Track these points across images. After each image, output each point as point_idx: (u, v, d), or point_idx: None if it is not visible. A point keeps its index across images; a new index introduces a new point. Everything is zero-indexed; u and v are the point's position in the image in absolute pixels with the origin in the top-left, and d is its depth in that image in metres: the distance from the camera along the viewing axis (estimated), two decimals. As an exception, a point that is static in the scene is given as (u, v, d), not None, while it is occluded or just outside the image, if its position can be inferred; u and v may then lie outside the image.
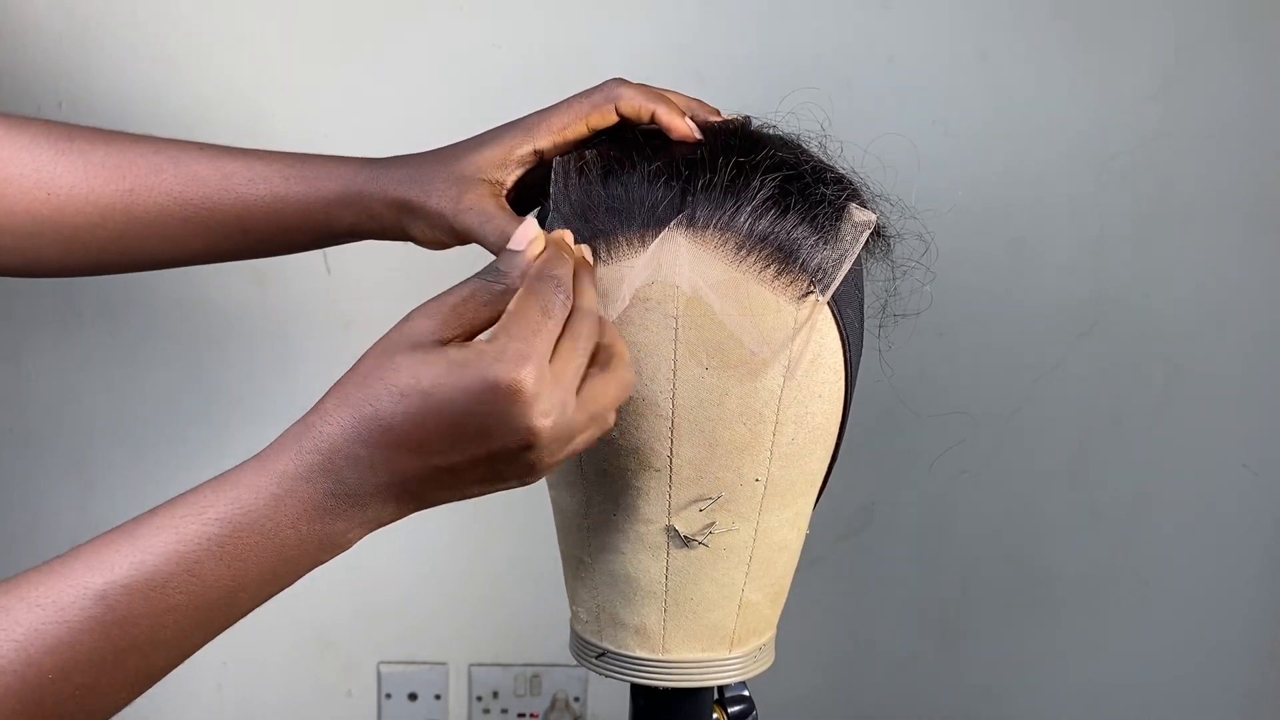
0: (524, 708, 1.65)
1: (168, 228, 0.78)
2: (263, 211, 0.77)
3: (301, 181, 0.77)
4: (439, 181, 0.73)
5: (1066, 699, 1.65)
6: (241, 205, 0.77)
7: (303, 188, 0.76)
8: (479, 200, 0.71)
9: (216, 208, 0.77)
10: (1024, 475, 1.56)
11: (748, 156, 0.66)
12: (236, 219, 0.77)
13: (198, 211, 0.77)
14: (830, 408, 0.69)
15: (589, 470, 0.69)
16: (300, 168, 0.77)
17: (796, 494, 0.70)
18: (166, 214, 0.77)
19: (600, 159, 0.68)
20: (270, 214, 0.77)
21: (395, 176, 0.75)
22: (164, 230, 0.78)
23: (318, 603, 1.61)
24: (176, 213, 0.77)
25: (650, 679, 0.72)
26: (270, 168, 0.77)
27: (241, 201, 0.77)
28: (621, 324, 0.66)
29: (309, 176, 0.76)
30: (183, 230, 0.78)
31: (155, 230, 0.78)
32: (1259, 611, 1.61)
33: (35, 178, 0.76)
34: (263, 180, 0.77)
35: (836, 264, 0.66)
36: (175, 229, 0.78)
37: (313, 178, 0.76)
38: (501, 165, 0.73)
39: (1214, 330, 1.51)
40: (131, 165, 0.77)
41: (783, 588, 0.73)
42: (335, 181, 0.76)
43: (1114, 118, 1.44)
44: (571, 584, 0.74)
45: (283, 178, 0.76)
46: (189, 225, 0.78)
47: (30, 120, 0.79)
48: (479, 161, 0.73)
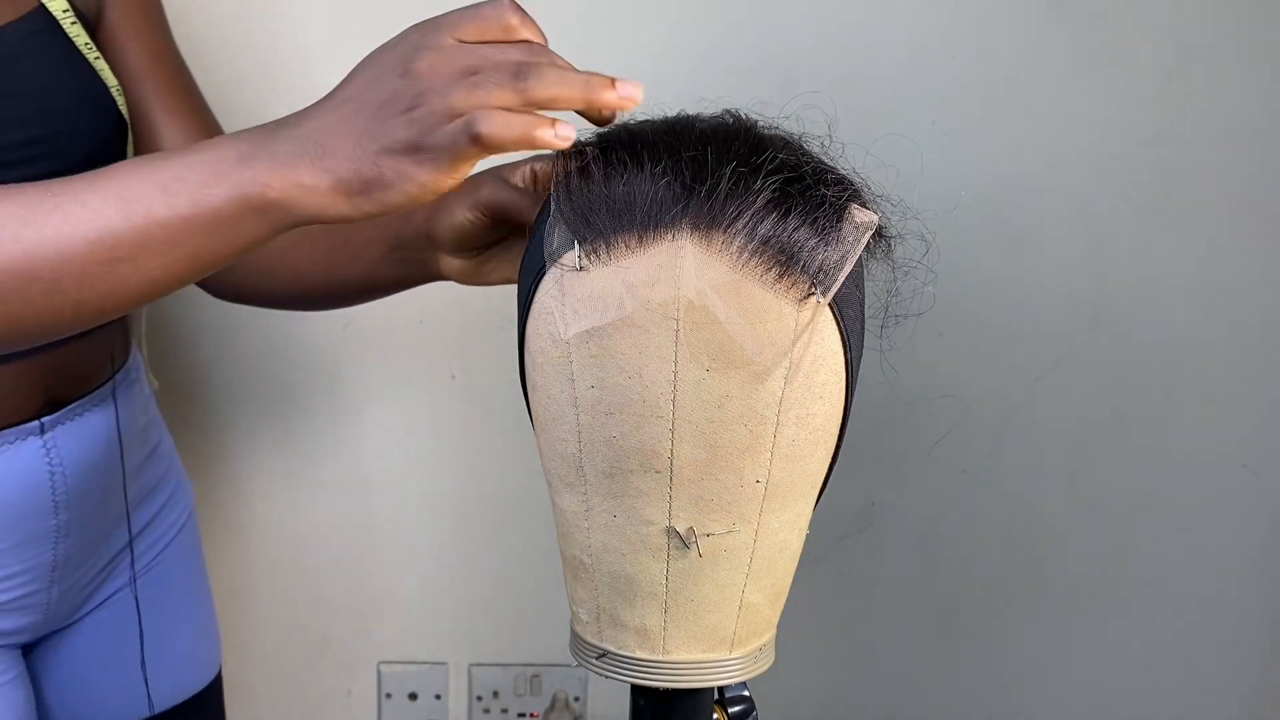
0: (524, 708, 1.65)
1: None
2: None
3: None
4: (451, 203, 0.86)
5: (1066, 699, 1.65)
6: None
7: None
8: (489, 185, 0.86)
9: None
10: (1024, 475, 1.57)
11: (749, 159, 0.66)
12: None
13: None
14: (831, 409, 0.69)
15: (589, 472, 0.69)
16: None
17: (797, 495, 0.70)
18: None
19: (603, 159, 0.68)
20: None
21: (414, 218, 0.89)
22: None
23: (318, 603, 1.61)
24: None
25: (650, 679, 0.72)
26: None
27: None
28: (622, 326, 0.66)
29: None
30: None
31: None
32: (1258, 611, 1.61)
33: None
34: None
35: (837, 266, 0.66)
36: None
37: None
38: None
39: (1214, 330, 1.51)
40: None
41: (783, 588, 0.73)
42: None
43: (1114, 118, 1.44)
44: (572, 585, 0.74)
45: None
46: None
47: None
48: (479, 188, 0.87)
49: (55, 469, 0.94)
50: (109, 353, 0.98)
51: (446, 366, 1.53)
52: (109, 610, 1.06)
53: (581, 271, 0.66)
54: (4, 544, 0.93)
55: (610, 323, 0.66)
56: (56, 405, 0.94)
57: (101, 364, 0.98)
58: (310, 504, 1.58)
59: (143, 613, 1.06)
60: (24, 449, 0.92)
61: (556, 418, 0.69)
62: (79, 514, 0.97)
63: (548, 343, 0.68)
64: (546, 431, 0.71)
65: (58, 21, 0.89)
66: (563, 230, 0.67)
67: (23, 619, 0.99)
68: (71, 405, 0.95)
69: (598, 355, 0.67)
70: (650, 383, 0.66)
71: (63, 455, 0.94)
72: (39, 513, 0.94)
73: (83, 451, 0.96)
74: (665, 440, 0.67)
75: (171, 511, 1.11)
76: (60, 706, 1.08)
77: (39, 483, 0.93)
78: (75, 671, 1.06)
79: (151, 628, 1.08)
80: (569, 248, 0.67)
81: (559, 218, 0.68)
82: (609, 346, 0.66)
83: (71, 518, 0.97)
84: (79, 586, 1.02)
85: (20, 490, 0.93)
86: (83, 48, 0.91)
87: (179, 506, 1.12)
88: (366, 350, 1.52)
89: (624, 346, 0.66)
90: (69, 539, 0.97)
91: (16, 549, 0.94)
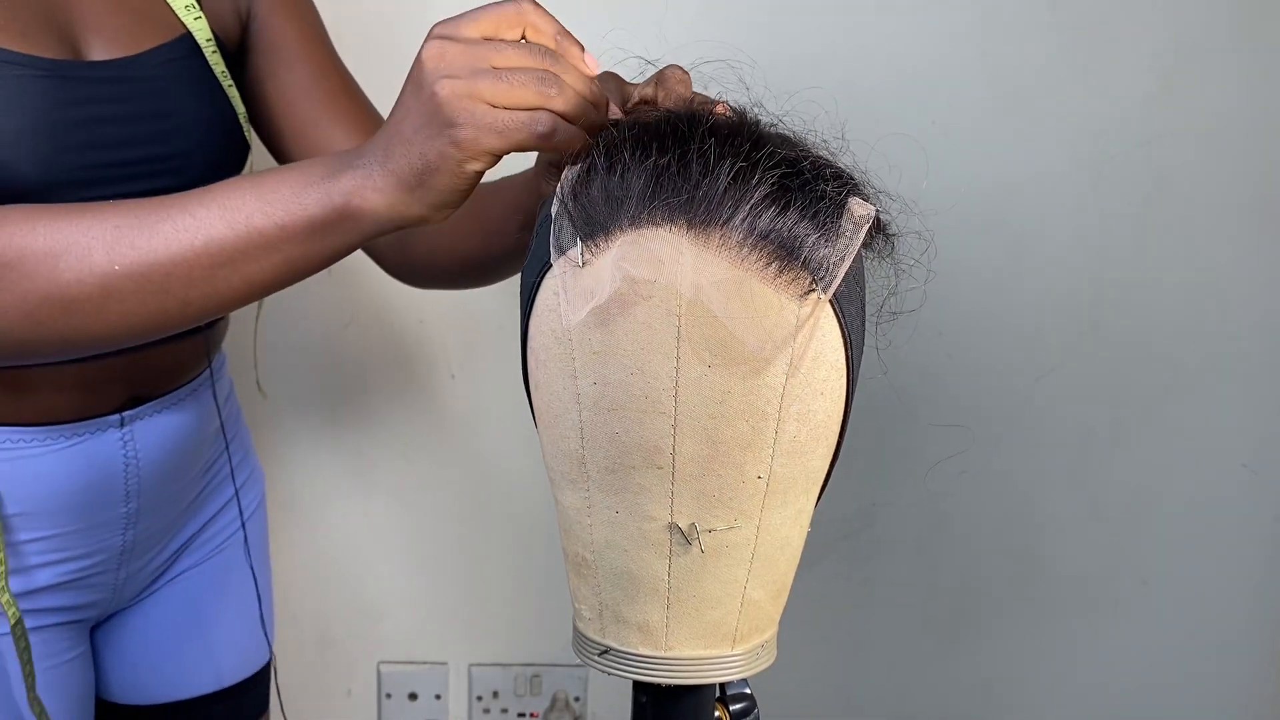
0: (524, 708, 1.65)
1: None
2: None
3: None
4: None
5: (1066, 699, 1.65)
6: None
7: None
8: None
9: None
10: (1024, 475, 1.57)
11: (748, 153, 0.66)
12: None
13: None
14: (832, 405, 0.69)
15: (592, 468, 0.69)
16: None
17: (799, 491, 0.70)
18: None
19: (605, 156, 0.68)
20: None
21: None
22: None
23: (318, 603, 1.61)
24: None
25: (653, 676, 0.72)
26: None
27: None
28: (624, 322, 0.66)
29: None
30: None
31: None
32: (1258, 611, 1.61)
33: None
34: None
35: (838, 261, 0.66)
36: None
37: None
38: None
39: (1214, 330, 1.51)
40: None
41: (785, 585, 0.74)
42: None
43: (1114, 118, 1.44)
44: (574, 582, 0.74)
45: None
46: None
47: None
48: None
49: (130, 460, 1.01)
50: (193, 356, 1.06)
51: (446, 366, 1.53)
52: (179, 588, 1.13)
53: (583, 267, 0.66)
54: (78, 525, 1.00)
55: (612, 319, 0.66)
56: (139, 401, 1.01)
57: (185, 366, 1.05)
58: (310, 504, 1.58)
59: (208, 591, 1.14)
60: (103, 440, 0.99)
61: (559, 414, 0.69)
62: (150, 503, 1.04)
63: (550, 339, 0.69)
64: (549, 428, 0.71)
65: (200, 49, 0.98)
66: (565, 226, 0.68)
67: (91, 596, 1.05)
68: (152, 402, 1.02)
69: (600, 352, 0.67)
70: (652, 379, 0.66)
71: (138, 448, 1.01)
72: (111, 500, 1.01)
73: (158, 446, 1.03)
74: (667, 436, 0.67)
75: (245, 497, 1.18)
76: (128, 681, 1.14)
77: (114, 472, 1.00)
78: (146, 646, 1.13)
79: (218, 603, 1.15)
80: (571, 244, 0.67)
81: (562, 213, 0.68)
82: (611, 343, 0.66)
83: (143, 506, 1.03)
84: (149, 569, 1.10)
85: (94, 479, 0.99)
86: (219, 75, 0.99)
87: (252, 492, 1.19)
88: (366, 350, 1.52)
89: (626, 343, 0.66)
90: (140, 525, 1.04)
91: (89, 531, 1.01)
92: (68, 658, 1.04)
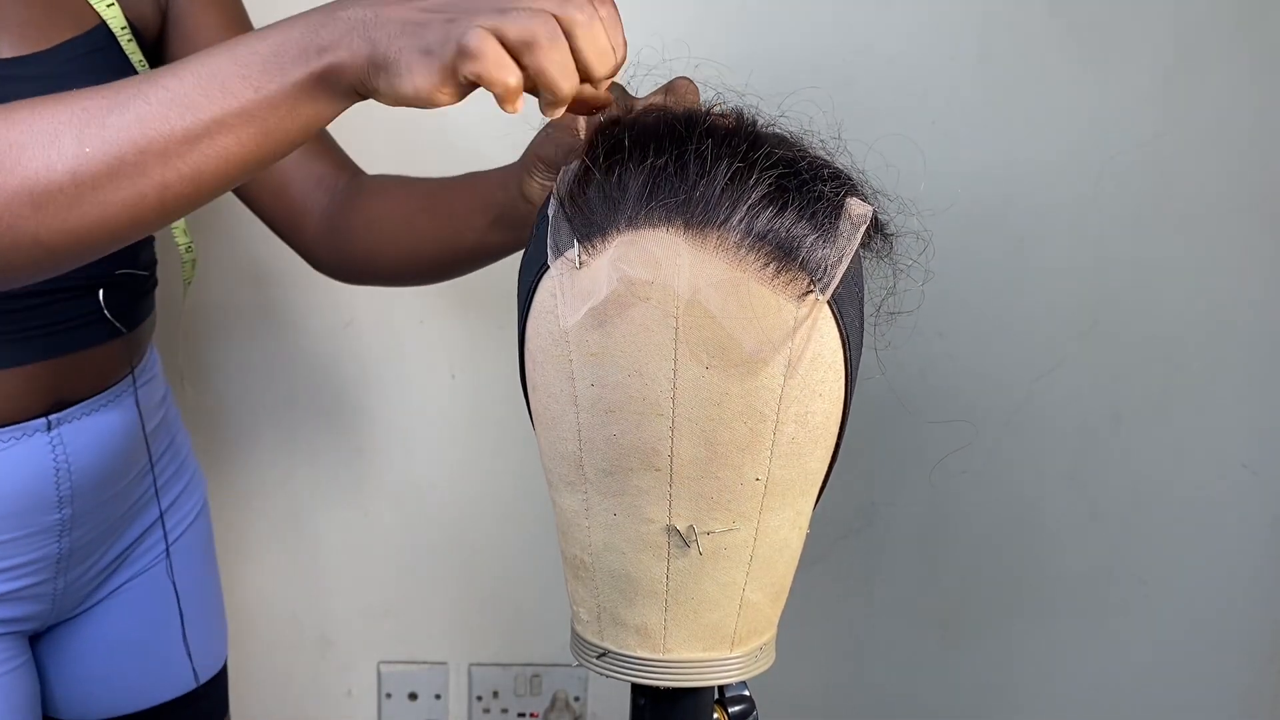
0: (524, 708, 1.65)
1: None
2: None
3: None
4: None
5: (1066, 699, 1.65)
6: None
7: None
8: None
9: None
10: (1024, 475, 1.57)
11: (746, 154, 0.66)
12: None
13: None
14: (830, 406, 0.69)
15: (590, 470, 0.69)
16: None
17: (797, 493, 0.70)
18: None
19: (603, 156, 0.68)
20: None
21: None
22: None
23: (318, 603, 1.61)
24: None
25: (651, 679, 0.72)
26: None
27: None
28: (622, 324, 0.66)
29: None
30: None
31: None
32: (1258, 611, 1.61)
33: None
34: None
35: (836, 261, 0.66)
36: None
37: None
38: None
39: (1214, 330, 1.51)
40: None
41: (783, 587, 0.73)
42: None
43: (1114, 118, 1.44)
44: (572, 584, 0.74)
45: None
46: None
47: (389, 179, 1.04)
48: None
49: (60, 465, 0.98)
50: (119, 358, 1.02)
51: (447, 366, 1.53)
52: (121, 600, 1.10)
53: (581, 268, 0.66)
54: (10, 535, 0.97)
55: (609, 320, 0.66)
56: (64, 405, 0.97)
57: (110, 368, 1.01)
58: (310, 504, 1.58)
59: (156, 599, 1.11)
60: (30, 445, 0.96)
61: (556, 416, 0.69)
62: (85, 509, 1.01)
63: (547, 341, 0.68)
64: (546, 430, 0.71)
65: (116, 38, 0.95)
66: (562, 227, 0.67)
67: (30, 608, 1.02)
68: (80, 405, 0.99)
69: (597, 353, 0.67)
70: (650, 381, 0.66)
71: (68, 452, 0.98)
72: (43, 506, 0.98)
73: (88, 449, 0.99)
74: (665, 438, 0.67)
75: (185, 504, 1.14)
76: (73, 696, 1.11)
77: (44, 477, 0.97)
78: (90, 660, 1.10)
79: (162, 613, 1.12)
80: (568, 245, 0.67)
81: (559, 214, 0.68)
82: (608, 345, 0.66)
83: (78, 512, 1.00)
84: (88, 578, 1.06)
85: (25, 484, 0.96)
86: (137, 65, 0.96)
87: (192, 499, 1.16)
88: (366, 350, 1.52)
89: (623, 344, 0.66)
90: (75, 532, 1.01)
91: (23, 540, 0.98)
92: (10, 667, 1.02)
